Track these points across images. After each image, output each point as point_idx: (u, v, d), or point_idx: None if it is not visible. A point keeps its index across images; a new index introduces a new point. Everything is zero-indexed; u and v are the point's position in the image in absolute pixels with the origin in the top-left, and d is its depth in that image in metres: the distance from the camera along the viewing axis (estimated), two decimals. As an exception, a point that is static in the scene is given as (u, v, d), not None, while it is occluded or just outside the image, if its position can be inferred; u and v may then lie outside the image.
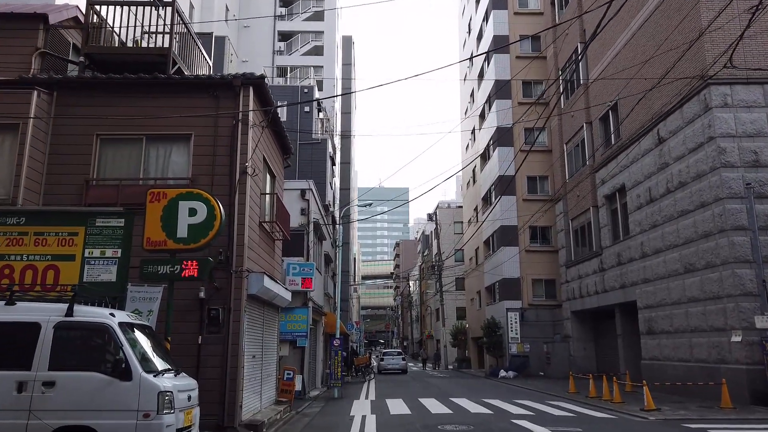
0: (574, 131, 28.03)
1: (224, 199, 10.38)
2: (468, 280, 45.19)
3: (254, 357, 11.25)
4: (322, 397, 18.48)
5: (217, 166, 10.64)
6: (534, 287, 32.84)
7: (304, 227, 18.94)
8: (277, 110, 12.42)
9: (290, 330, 17.73)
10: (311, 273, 18.10)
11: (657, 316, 19.52)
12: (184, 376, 7.25)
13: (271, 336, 13.17)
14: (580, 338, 28.05)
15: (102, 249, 7.94)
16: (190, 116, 10.77)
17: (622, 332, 23.06)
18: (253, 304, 11.26)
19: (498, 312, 33.71)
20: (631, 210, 21.50)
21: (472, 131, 43.64)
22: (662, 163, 19.27)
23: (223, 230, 8.54)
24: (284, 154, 14.74)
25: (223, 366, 9.89)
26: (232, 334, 10.01)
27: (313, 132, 30.10)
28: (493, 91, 35.85)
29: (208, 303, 10.11)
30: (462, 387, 23.26)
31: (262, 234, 12.04)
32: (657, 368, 19.41)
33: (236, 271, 10.21)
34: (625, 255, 22.08)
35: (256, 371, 11.53)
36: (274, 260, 13.48)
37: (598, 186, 24.73)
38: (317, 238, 21.50)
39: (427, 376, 33.23)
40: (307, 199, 19.25)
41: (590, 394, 17.84)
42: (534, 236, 33.46)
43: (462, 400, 16.49)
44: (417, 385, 24.70)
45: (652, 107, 19.96)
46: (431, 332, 66.70)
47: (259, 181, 11.68)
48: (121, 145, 10.85)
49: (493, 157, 35.77)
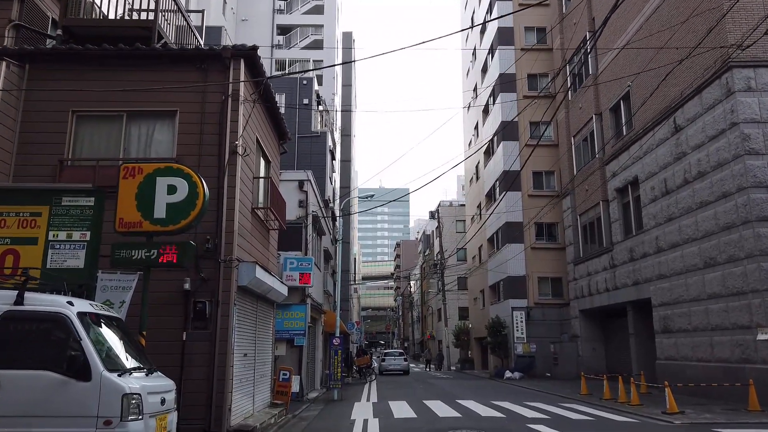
0: (582, 123, 27.06)
1: (212, 182, 9.43)
2: (471, 279, 44.20)
3: (246, 355, 10.28)
4: (321, 399, 17.50)
5: (205, 145, 9.68)
6: (540, 285, 31.83)
7: (303, 220, 17.97)
8: (272, 89, 11.44)
9: (287, 328, 16.75)
10: (309, 268, 17.13)
11: (673, 313, 18.54)
12: (159, 375, 6.28)
13: (266, 333, 12.19)
14: (588, 338, 27.06)
15: (69, 231, 6.96)
16: (175, 91, 9.80)
17: (635, 331, 22.07)
18: (245, 298, 10.28)
19: (503, 311, 32.73)
20: (645, 203, 20.52)
21: (475, 127, 42.67)
22: (679, 153, 18.30)
23: (207, 210, 7.55)
24: (280, 139, 13.78)
25: (210, 365, 8.92)
26: (220, 329, 9.05)
27: (312, 125, 29.13)
28: (497, 84, 34.87)
29: (194, 295, 9.14)
30: (467, 388, 22.27)
31: (255, 222, 11.07)
32: (674, 369, 18.42)
33: (225, 261, 9.24)
34: (638, 250, 21.10)
35: (248, 371, 10.56)
36: (269, 252, 12.50)
37: (609, 179, 23.75)
38: (316, 233, 20.53)
39: (430, 377, 32.23)
40: (306, 190, 18.27)
41: (605, 396, 16.85)
42: (540, 233, 32.47)
43: (469, 402, 15.50)
44: (420, 386, 23.71)
45: (668, 95, 19.00)
46: (432, 333, 65.70)
47: (252, 164, 10.71)
48: (99, 122, 9.89)
49: (498, 152, 34.80)
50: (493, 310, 34.88)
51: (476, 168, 42.26)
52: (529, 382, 25.92)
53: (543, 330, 30.70)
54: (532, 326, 30.81)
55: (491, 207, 36.25)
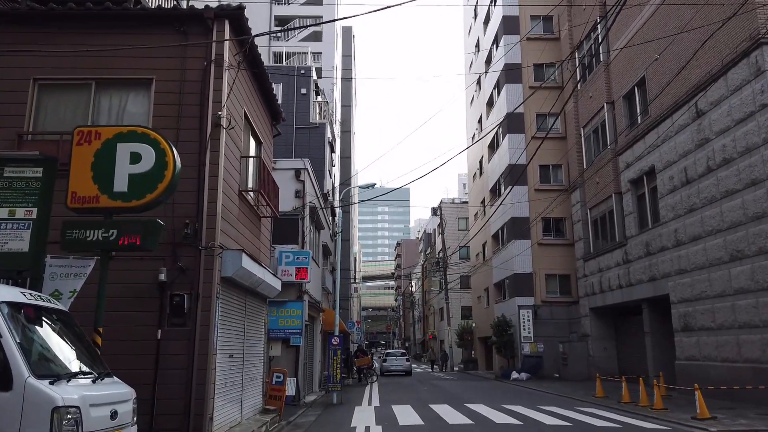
0: (592, 113, 25.88)
1: (193, 158, 8.28)
2: (474, 277, 43.01)
3: (232, 356, 9.10)
4: (319, 403, 16.32)
5: (185, 117, 8.50)
6: (548, 283, 30.65)
7: (299, 211, 16.79)
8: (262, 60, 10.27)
9: (282, 326, 15.57)
10: (307, 262, 15.96)
11: (695, 310, 17.36)
12: (114, 382, 5.11)
13: (257, 332, 11.02)
14: (599, 337, 25.88)
15: (11, 207, 5.81)
16: (151, 57, 8.64)
17: (651, 330, 20.89)
18: (231, 291, 9.11)
19: (508, 310, 31.54)
20: (663, 194, 19.34)
21: (479, 121, 41.50)
22: (701, 140, 17.12)
23: (179, 182, 6.35)
24: (273, 120, 12.60)
25: (189, 368, 7.75)
26: (200, 327, 7.87)
27: (310, 115, 27.97)
28: (502, 74, 33.69)
29: (171, 287, 7.96)
30: (475, 390, 21.09)
31: (243, 207, 9.89)
32: (695, 370, 17.26)
33: (206, 248, 8.06)
34: (654, 244, 19.92)
35: (236, 374, 9.38)
36: (260, 242, 11.32)
37: (622, 170, 22.57)
38: (314, 226, 19.36)
39: (434, 378, 31.04)
40: (303, 180, 17.10)
41: (623, 399, 15.71)
42: (547, 228, 31.30)
43: (480, 407, 14.32)
44: (424, 388, 22.52)
45: (688, 78, 17.83)
46: (434, 332, 64.50)
47: (239, 141, 9.53)
48: (64, 91, 8.72)
49: (503, 145, 33.61)
50: (499, 309, 33.71)
51: (480, 163, 41.08)
52: (537, 383, 24.75)
53: (551, 329, 29.52)
54: (540, 325, 29.65)
55: (496, 202, 35.07)
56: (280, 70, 28.56)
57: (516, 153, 31.14)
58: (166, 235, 8.07)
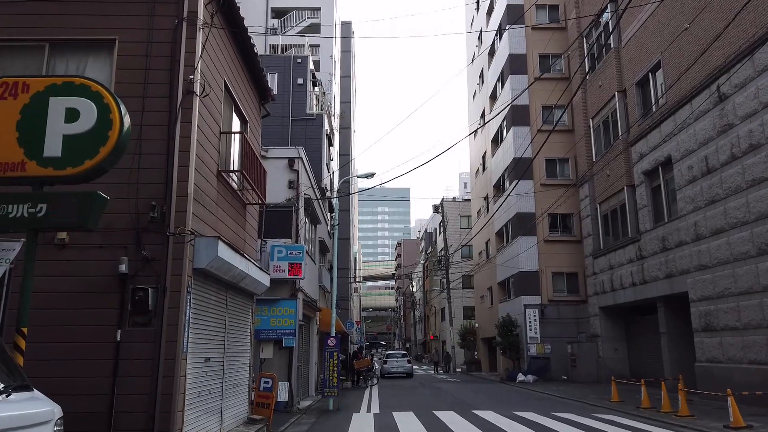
0: (602, 103, 24.70)
1: (161, 131, 7.11)
2: (477, 276, 41.82)
3: (209, 360, 7.90)
4: (314, 409, 15.13)
5: (152, 84, 7.33)
6: (554, 281, 29.47)
7: (293, 203, 15.61)
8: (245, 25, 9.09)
9: (275, 327, 14.41)
10: (301, 257, 14.78)
11: (718, 309, 16.17)
12: (30, 398, 3.94)
13: (241, 332, 9.83)
14: (610, 337, 24.69)
15: None
16: (114, 15, 7.46)
17: (667, 330, 19.70)
18: (208, 286, 7.92)
19: (514, 309, 30.36)
20: (681, 185, 18.15)
21: (481, 115, 40.30)
22: (724, 125, 15.93)
23: (125, 146, 5.13)
24: (261, 99, 11.41)
25: (154, 374, 6.57)
26: (167, 326, 6.69)
27: (307, 106, 26.80)
28: (506, 65, 32.51)
29: (133, 281, 6.79)
30: (481, 395, 19.89)
31: (224, 190, 8.70)
32: (718, 372, 16.08)
33: (175, 234, 6.88)
34: (671, 239, 18.73)
35: (213, 381, 8.19)
36: (246, 232, 10.14)
37: (635, 162, 21.38)
38: (309, 220, 18.18)
39: (436, 380, 29.83)
40: (296, 169, 15.92)
41: (643, 404, 14.53)
42: (554, 224, 30.11)
43: (489, 414, 13.14)
44: (427, 392, 21.33)
45: (709, 61, 16.64)
46: (436, 333, 63.35)
47: (217, 114, 8.35)
48: (13, 54, 7.54)
49: (507, 139, 32.43)
50: (503, 309, 32.52)
51: (483, 158, 39.91)
52: (545, 386, 23.56)
53: (558, 329, 28.33)
54: (546, 325, 28.47)
55: (500, 198, 33.88)
56: (276, 60, 27.39)
57: (521, 146, 29.94)
58: (128, 220, 6.91)
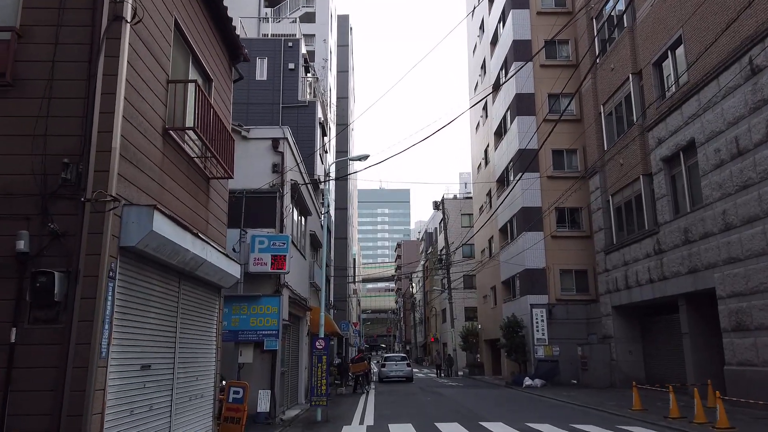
0: (614, 88, 23.04)
1: (79, 69, 5.42)
2: (480, 276, 40.11)
3: (148, 368, 6.18)
4: (300, 420, 13.42)
5: (69, 9, 5.64)
6: (562, 279, 27.77)
7: (277, 188, 13.92)
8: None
9: (255, 327, 12.70)
10: (285, 249, 13.09)
11: (751, 306, 14.48)
12: None
13: (202, 333, 8.12)
14: (624, 339, 23.00)
15: None
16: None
17: (690, 330, 18.03)
18: (145, 271, 6.18)
19: (519, 309, 28.66)
20: (706, 170, 16.48)
21: (483, 107, 38.64)
22: (758, 101, 14.27)
23: None
24: (231, 57, 9.71)
25: (61, 387, 4.87)
26: (78, 323, 4.99)
27: (299, 93, 25.12)
28: (510, 52, 30.84)
29: (36, 263, 5.09)
30: (487, 402, 18.19)
31: (173, 155, 6.98)
32: (752, 377, 14.39)
33: (93, 200, 5.18)
34: (696, 230, 17.05)
35: (158, 393, 6.47)
36: (210, 212, 8.44)
37: (652, 148, 19.71)
38: (297, 209, 16.49)
39: (438, 385, 28.09)
40: (281, 151, 14.23)
41: (671, 413, 12.82)
42: (561, 219, 28.42)
43: (498, 427, 11.45)
44: (428, 399, 19.61)
45: (738, 31, 15.00)
46: (436, 335, 61.62)
47: (163, 57, 6.64)
48: None
49: (512, 130, 30.74)
50: (508, 309, 30.82)
51: (485, 152, 38.22)
52: (554, 391, 21.85)
53: (567, 330, 26.63)
54: (555, 326, 26.78)
55: (504, 193, 32.19)
56: (265, 43, 25.72)
57: (526, 137, 28.24)
58: (32, 183, 5.23)
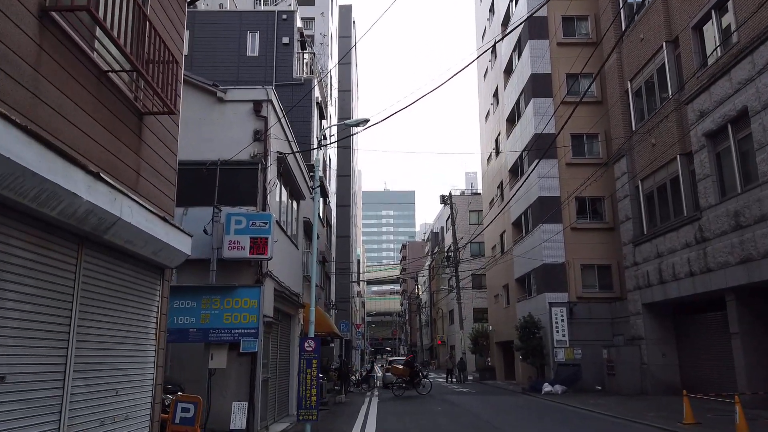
0: (644, 60, 20.68)
1: None
2: (490, 274, 37.71)
3: (2, 380, 3.86)
4: (287, 438, 11.11)
5: None
6: (584, 275, 25.37)
7: (259, 159, 11.60)
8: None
9: (229, 324, 10.36)
10: (267, 230, 10.78)
11: (827, 300, 12.08)
12: None
13: (131, 329, 5.78)
14: (656, 340, 20.58)
15: None
16: None
17: (741, 329, 15.61)
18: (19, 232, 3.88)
19: (536, 308, 26.26)
20: (763, 142, 14.10)
21: (494, 94, 36.31)
22: (834, 54, 11.88)
23: None
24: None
25: None
26: None
27: (294, 70, 22.86)
28: (525, 29, 28.52)
29: None
30: (509, 413, 15.83)
31: (60, 52, 4.57)
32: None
33: None
34: (749, 213, 14.66)
35: (31, 418, 4.16)
36: (143, 161, 6.03)
37: (693, 123, 17.33)
38: (286, 187, 14.18)
39: (448, 391, 25.66)
40: (265, 116, 11.92)
41: (738, 429, 10.44)
42: (582, 210, 26.05)
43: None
44: (439, 408, 17.24)
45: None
46: (443, 338, 59.20)
47: None
48: None
49: (526, 114, 28.38)
50: (522, 308, 28.42)
51: (495, 141, 35.85)
52: (579, 398, 19.45)
53: (589, 331, 24.23)
54: (575, 326, 24.39)
55: (517, 183, 29.82)
56: (257, 16, 23.47)
57: (543, 121, 25.87)
58: None
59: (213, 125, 11.94)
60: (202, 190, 11.34)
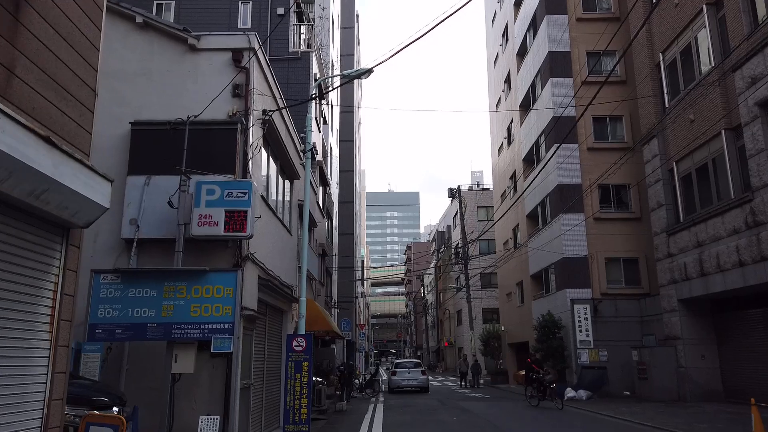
0: (679, 28, 18.54)
1: None
2: (502, 271, 35.53)
3: None
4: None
5: None
6: (609, 269, 23.18)
7: (239, 118, 9.52)
8: None
9: (198, 318, 8.23)
10: (246, 201, 8.70)
11: None
12: None
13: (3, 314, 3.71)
14: (694, 340, 18.39)
15: None
16: None
17: (805, 327, 13.41)
18: None
19: (555, 306, 24.10)
20: (837, 106, 11.92)
21: (505, 80, 34.16)
22: None
23: None
24: None
25: None
26: None
27: (290, 44, 20.83)
28: (540, 6, 26.41)
29: None
30: (531, 423, 13.67)
31: None
32: None
33: None
34: (818, 190, 12.48)
35: None
36: (20, 53, 4.03)
37: (742, 91, 15.16)
38: (274, 160, 12.09)
39: (460, 396, 23.48)
40: (247, 67, 9.87)
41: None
42: (605, 198, 23.87)
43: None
44: (453, 417, 15.09)
45: None
46: (451, 339, 57.01)
47: None
48: None
49: (543, 96, 26.23)
50: (539, 307, 26.25)
51: (508, 130, 33.69)
52: (608, 405, 17.30)
53: (615, 330, 22.04)
54: (600, 325, 22.20)
55: (533, 172, 27.67)
56: (249, -16, 21.41)
57: (562, 102, 23.71)
58: None
59: (183, 78, 9.89)
60: (169, 156, 9.26)
